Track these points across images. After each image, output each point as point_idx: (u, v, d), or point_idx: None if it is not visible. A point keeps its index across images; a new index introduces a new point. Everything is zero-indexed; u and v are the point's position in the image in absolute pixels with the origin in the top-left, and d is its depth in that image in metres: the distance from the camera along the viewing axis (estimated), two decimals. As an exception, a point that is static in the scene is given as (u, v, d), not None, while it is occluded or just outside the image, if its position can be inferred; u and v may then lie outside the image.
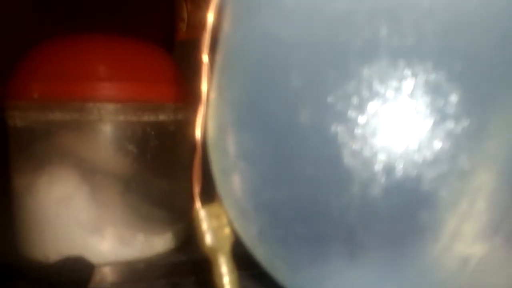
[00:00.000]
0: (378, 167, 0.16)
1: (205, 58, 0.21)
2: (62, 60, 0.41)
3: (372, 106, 0.16)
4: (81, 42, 0.42)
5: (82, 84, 0.40)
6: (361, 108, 0.16)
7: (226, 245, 0.22)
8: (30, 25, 0.64)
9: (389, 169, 0.16)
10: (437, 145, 0.16)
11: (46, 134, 0.41)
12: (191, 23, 0.57)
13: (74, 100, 0.40)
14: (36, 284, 0.36)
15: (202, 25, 0.21)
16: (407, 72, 0.15)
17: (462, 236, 0.17)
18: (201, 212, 0.22)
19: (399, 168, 0.16)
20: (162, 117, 0.42)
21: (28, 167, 0.41)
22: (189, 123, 0.22)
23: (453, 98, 0.15)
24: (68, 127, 0.40)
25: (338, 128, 0.16)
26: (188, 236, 0.44)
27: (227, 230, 0.22)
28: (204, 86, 0.21)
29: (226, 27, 0.21)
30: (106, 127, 0.41)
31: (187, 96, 0.41)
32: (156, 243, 0.43)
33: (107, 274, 0.39)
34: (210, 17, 0.21)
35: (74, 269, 0.38)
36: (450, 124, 0.15)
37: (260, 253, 0.21)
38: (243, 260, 0.22)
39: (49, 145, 0.41)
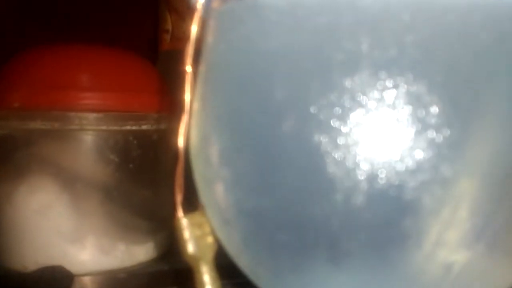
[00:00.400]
0: (361, 175, 0.16)
1: (188, 68, 0.21)
2: (43, 69, 0.41)
3: (355, 116, 0.16)
4: (63, 51, 0.43)
5: (64, 93, 0.40)
6: (343, 118, 0.16)
7: (209, 254, 0.22)
8: (11, 33, 0.64)
9: (372, 178, 0.16)
10: (419, 154, 0.16)
11: (26, 143, 0.41)
12: (175, 34, 0.57)
13: (55, 109, 0.40)
14: (14, 294, 0.36)
15: (186, 36, 0.22)
16: (389, 83, 0.16)
17: (445, 243, 0.17)
18: (184, 221, 0.22)
19: (382, 176, 0.16)
20: (144, 126, 0.42)
21: (7, 176, 0.41)
22: (172, 133, 0.22)
23: (434, 108, 0.16)
24: (49, 136, 0.40)
25: (321, 138, 0.17)
26: (170, 245, 0.44)
27: (209, 239, 0.22)
28: (187, 96, 0.21)
29: (209, 38, 0.21)
30: (88, 137, 0.41)
31: (170, 106, 0.41)
32: (137, 253, 0.43)
33: (87, 284, 0.40)
34: (194, 29, 0.21)
35: (52, 278, 0.38)
36: (431, 134, 0.16)
37: (244, 261, 0.22)
38: (227, 270, 0.22)
39: (30, 154, 0.41)
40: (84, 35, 0.48)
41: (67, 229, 0.40)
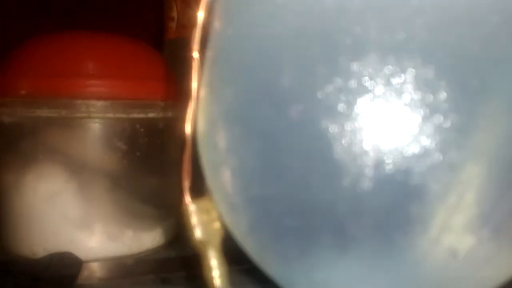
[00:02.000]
0: (367, 160, 0.16)
1: (195, 54, 0.21)
2: (50, 56, 0.41)
3: (362, 101, 0.16)
4: (70, 39, 0.42)
5: (71, 81, 0.40)
6: (350, 104, 0.16)
7: (216, 239, 0.22)
8: (18, 21, 0.64)
9: (378, 163, 0.16)
10: (426, 139, 0.16)
11: (33, 130, 0.40)
12: (181, 22, 0.57)
13: (62, 97, 0.39)
14: (23, 280, 0.35)
15: (192, 24, 0.22)
16: (397, 68, 0.16)
17: (451, 228, 0.17)
18: (191, 206, 0.22)
19: (389, 161, 0.16)
20: (151, 114, 0.42)
21: (15, 163, 0.41)
22: (179, 121, 0.22)
23: (442, 93, 0.16)
24: (56, 124, 0.40)
25: (327, 123, 0.17)
26: (177, 232, 0.44)
27: (217, 224, 0.22)
28: (194, 82, 0.22)
29: (216, 23, 0.21)
30: (95, 124, 0.41)
31: (177, 94, 0.41)
32: (144, 239, 0.43)
33: (96, 269, 0.40)
34: (201, 14, 0.21)
35: (61, 264, 0.38)
36: (439, 119, 0.16)
37: (250, 247, 0.22)
38: (234, 255, 0.22)
39: (37, 141, 0.40)
40: (90, 23, 0.48)
41: (75, 216, 0.40)
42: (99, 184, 0.41)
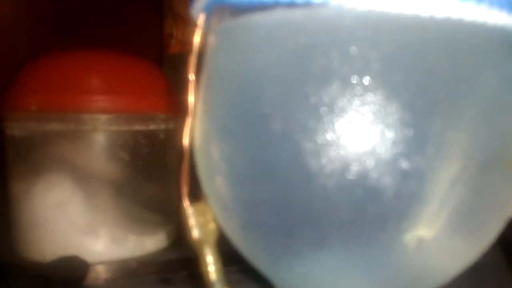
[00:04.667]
0: (334, 168, 0.18)
1: (191, 77, 0.23)
2: (58, 73, 0.42)
3: (330, 119, 0.18)
4: (77, 57, 0.43)
5: (78, 97, 0.41)
6: (321, 121, 0.19)
7: (212, 238, 0.24)
8: (28, 39, 0.65)
9: (344, 170, 0.18)
10: (383, 149, 0.18)
11: (43, 143, 0.41)
12: (179, 38, 0.57)
13: (70, 112, 0.40)
14: (34, 282, 0.36)
15: (189, 43, 0.23)
16: (357, 91, 0.18)
17: (417, 222, 0.19)
18: (189, 209, 0.23)
19: (352, 168, 0.18)
20: (152, 126, 0.43)
21: (26, 173, 0.42)
22: (178, 132, 0.23)
23: (394, 112, 0.18)
24: (64, 136, 0.41)
25: (302, 137, 0.19)
26: (177, 236, 0.45)
27: (212, 225, 0.24)
28: (191, 100, 0.23)
29: (209, 51, 0.23)
30: (100, 137, 0.42)
31: (176, 107, 0.41)
32: (147, 243, 0.44)
33: (101, 272, 0.41)
34: (196, 41, 0.23)
35: (69, 267, 0.39)
36: (391, 133, 0.18)
37: (242, 245, 0.23)
38: (231, 257, 0.24)
39: (46, 153, 0.41)
40: (95, 42, 0.49)
41: (82, 222, 0.41)
42: (104, 192, 0.42)
